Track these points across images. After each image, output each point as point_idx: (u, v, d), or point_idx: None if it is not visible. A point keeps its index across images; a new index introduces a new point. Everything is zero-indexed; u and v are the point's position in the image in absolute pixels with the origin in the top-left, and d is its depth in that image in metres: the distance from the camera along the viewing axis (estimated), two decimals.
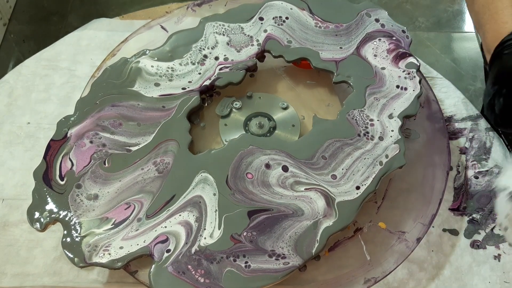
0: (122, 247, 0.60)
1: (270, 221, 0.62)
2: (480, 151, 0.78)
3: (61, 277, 0.67)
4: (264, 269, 0.59)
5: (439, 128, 0.76)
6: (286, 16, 0.80)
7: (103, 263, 0.59)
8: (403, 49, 0.77)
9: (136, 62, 0.75)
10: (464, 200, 0.73)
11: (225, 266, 0.59)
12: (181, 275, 0.58)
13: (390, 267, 0.65)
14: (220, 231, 0.61)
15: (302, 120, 0.76)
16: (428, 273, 0.66)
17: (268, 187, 0.65)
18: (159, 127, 0.69)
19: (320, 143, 0.68)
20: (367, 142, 0.68)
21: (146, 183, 0.64)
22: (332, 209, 0.63)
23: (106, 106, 0.70)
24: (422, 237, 0.67)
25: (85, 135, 0.68)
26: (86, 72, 0.85)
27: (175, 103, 0.71)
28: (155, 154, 0.67)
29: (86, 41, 0.90)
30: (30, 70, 0.86)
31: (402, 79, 0.74)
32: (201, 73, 0.75)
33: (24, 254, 0.68)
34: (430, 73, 0.87)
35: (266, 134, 0.73)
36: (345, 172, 0.66)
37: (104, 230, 0.61)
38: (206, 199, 0.63)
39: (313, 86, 0.80)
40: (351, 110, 0.71)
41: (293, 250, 0.60)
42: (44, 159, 0.65)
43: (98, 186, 0.64)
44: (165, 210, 0.62)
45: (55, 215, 0.61)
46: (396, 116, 0.71)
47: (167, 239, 0.60)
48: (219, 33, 0.78)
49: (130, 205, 0.63)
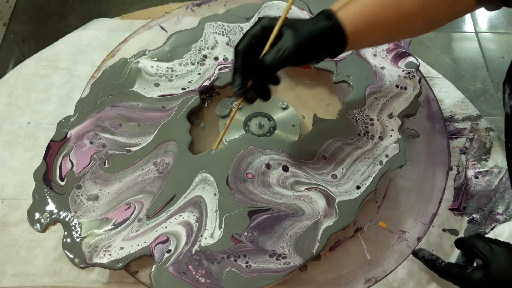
0: (123, 248, 0.60)
1: (271, 221, 0.62)
2: (480, 151, 0.78)
3: (61, 277, 0.67)
4: (265, 269, 0.59)
5: (439, 128, 0.76)
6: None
7: (104, 263, 0.59)
8: (403, 48, 0.77)
9: (136, 63, 0.75)
10: (464, 200, 0.73)
11: (226, 266, 0.59)
12: (182, 276, 0.58)
13: (390, 266, 0.65)
14: (220, 231, 0.61)
15: (302, 120, 0.76)
16: (428, 273, 0.66)
17: (269, 187, 0.65)
18: (159, 128, 0.69)
19: (320, 143, 0.68)
20: (367, 141, 0.68)
21: (147, 184, 0.64)
22: (332, 208, 0.63)
23: (106, 107, 0.70)
24: (422, 237, 0.67)
25: (85, 136, 0.68)
26: (86, 72, 0.85)
27: (175, 104, 0.71)
28: (155, 155, 0.67)
29: (86, 41, 0.90)
30: (30, 70, 0.86)
31: (402, 78, 0.74)
32: (200, 73, 0.75)
33: (24, 254, 0.69)
34: (430, 73, 0.87)
35: (266, 134, 0.73)
36: (345, 172, 0.66)
37: (104, 230, 0.61)
38: (207, 199, 0.63)
39: (313, 86, 0.80)
40: (351, 110, 0.71)
41: (294, 250, 0.60)
42: (44, 160, 0.65)
43: (98, 187, 0.64)
44: (166, 211, 0.62)
45: (56, 216, 0.61)
46: (396, 115, 0.71)
47: (167, 239, 0.60)
48: (218, 33, 0.78)
49: (131, 206, 0.63)
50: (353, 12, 0.57)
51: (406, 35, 0.66)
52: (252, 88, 0.57)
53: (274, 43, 0.55)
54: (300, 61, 0.56)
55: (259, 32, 0.55)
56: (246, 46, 0.55)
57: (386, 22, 0.58)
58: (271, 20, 0.56)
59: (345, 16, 0.56)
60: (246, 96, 0.57)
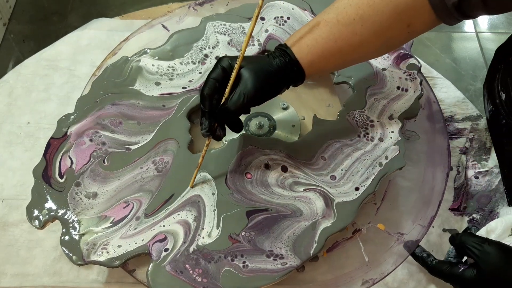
0: (121, 246, 0.59)
1: (269, 221, 0.62)
2: (480, 151, 0.78)
3: (61, 277, 0.67)
4: (262, 269, 0.59)
5: (439, 129, 0.76)
6: (287, 16, 0.80)
7: (101, 261, 0.59)
8: (404, 50, 0.77)
9: (137, 61, 0.75)
10: (464, 200, 0.73)
11: (223, 265, 0.59)
12: (179, 274, 0.58)
13: (388, 268, 0.65)
14: (218, 230, 0.61)
15: (302, 120, 0.76)
16: (428, 273, 0.66)
17: (267, 187, 0.65)
18: (159, 126, 0.69)
19: (319, 144, 0.68)
20: (367, 143, 0.68)
21: (145, 182, 0.64)
22: (331, 209, 0.63)
23: (106, 105, 0.70)
24: (421, 239, 0.67)
25: (85, 134, 0.68)
26: (86, 72, 0.85)
27: (175, 102, 0.71)
28: (154, 153, 0.67)
29: (86, 41, 0.90)
30: (30, 70, 0.86)
31: (403, 80, 0.74)
32: (201, 72, 0.75)
33: (24, 254, 0.68)
34: (430, 73, 0.87)
35: (266, 134, 0.73)
36: (345, 173, 0.66)
37: (102, 228, 0.61)
38: (205, 198, 0.63)
39: (313, 86, 0.80)
40: (351, 111, 0.71)
41: (291, 251, 0.60)
42: (43, 157, 0.65)
43: (97, 185, 0.64)
44: (164, 209, 0.62)
45: (54, 213, 0.61)
46: (396, 117, 0.70)
47: (165, 238, 0.60)
48: (220, 32, 0.78)
49: (129, 204, 0.63)
50: (307, 46, 0.59)
51: (364, 59, 0.69)
52: (219, 126, 0.60)
53: (235, 83, 0.58)
54: (261, 100, 0.59)
55: (220, 75, 0.58)
56: (210, 90, 0.58)
57: (341, 52, 0.60)
58: (230, 60, 0.58)
59: (299, 51, 0.59)
60: (214, 135, 0.60)
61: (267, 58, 0.59)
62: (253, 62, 0.58)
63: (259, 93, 0.57)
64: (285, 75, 0.59)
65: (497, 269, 0.56)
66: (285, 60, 0.59)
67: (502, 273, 0.56)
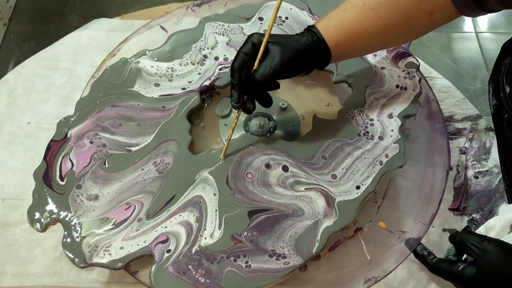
0: (123, 247, 0.60)
1: (271, 221, 0.62)
2: (480, 151, 0.78)
3: (61, 277, 0.67)
4: (265, 269, 0.59)
5: (439, 128, 0.76)
6: (285, 16, 0.80)
7: (104, 263, 0.59)
8: (403, 48, 0.77)
9: (136, 63, 0.75)
10: (464, 200, 0.73)
11: (226, 266, 0.59)
12: (182, 275, 0.58)
13: (390, 266, 0.65)
14: (220, 231, 0.61)
15: (302, 120, 0.76)
16: (428, 272, 0.66)
17: (268, 187, 0.65)
18: (159, 127, 0.69)
19: (320, 143, 0.68)
20: (367, 141, 0.69)
21: (147, 183, 0.64)
22: (332, 208, 0.63)
23: (106, 107, 0.70)
24: (422, 237, 0.67)
25: (85, 136, 0.67)
26: (86, 72, 0.85)
27: (175, 103, 0.71)
28: (155, 154, 0.67)
29: (86, 41, 0.90)
30: (30, 70, 0.86)
31: (402, 78, 0.74)
32: (201, 73, 0.75)
33: (24, 254, 0.68)
34: (430, 73, 0.87)
35: (266, 134, 0.73)
36: (345, 172, 0.66)
37: (104, 230, 0.61)
38: (207, 199, 0.63)
39: (313, 86, 0.80)
40: (351, 110, 0.71)
41: (294, 250, 0.60)
42: (44, 160, 0.65)
43: (98, 187, 0.64)
44: (166, 210, 0.62)
45: (56, 215, 0.61)
46: (396, 115, 0.71)
47: (167, 239, 0.60)
48: (218, 33, 0.78)
49: (131, 205, 0.63)
50: (334, 27, 0.62)
51: (388, 45, 0.71)
52: (249, 100, 0.63)
53: (263, 58, 0.60)
54: (286, 75, 0.61)
55: (250, 49, 0.61)
56: (240, 63, 0.61)
57: (366, 34, 0.62)
58: (260, 36, 0.61)
59: (326, 31, 0.62)
60: (244, 108, 0.63)
61: (295, 36, 0.62)
62: (281, 38, 0.61)
63: (285, 67, 0.60)
64: (312, 54, 0.61)
65: (496, 266, 0.56)
66: (312, 38, 0.61)
67: (502, 271, 0.56)
